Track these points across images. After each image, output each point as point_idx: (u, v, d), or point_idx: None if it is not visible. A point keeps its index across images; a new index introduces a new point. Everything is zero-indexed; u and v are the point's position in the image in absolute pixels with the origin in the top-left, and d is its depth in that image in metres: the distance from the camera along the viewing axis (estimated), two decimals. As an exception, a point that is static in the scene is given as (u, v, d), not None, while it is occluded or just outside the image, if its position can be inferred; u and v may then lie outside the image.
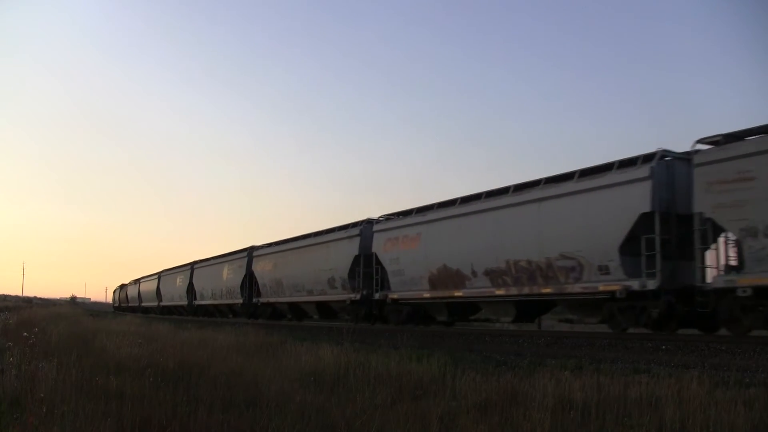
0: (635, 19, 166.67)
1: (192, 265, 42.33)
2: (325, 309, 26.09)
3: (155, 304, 52.42)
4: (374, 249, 21.81)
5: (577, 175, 15.04)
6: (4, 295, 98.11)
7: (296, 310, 28.51)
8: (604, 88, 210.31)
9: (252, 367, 8.19)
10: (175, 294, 46.37)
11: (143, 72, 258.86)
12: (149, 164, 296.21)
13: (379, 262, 21.54)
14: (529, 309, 17.00)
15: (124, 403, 5.34)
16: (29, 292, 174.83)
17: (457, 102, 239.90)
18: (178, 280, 45.57)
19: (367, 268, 22.11)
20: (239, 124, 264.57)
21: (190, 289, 41.86)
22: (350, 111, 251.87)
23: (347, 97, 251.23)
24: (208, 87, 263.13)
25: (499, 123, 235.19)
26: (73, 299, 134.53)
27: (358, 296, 22.42)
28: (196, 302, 40.37)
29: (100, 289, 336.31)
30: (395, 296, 20.63)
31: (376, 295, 21.49)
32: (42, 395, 5.37)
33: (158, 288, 51.12)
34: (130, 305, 66.54)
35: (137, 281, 64.59)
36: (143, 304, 58.74)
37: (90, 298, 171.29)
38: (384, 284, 21.35)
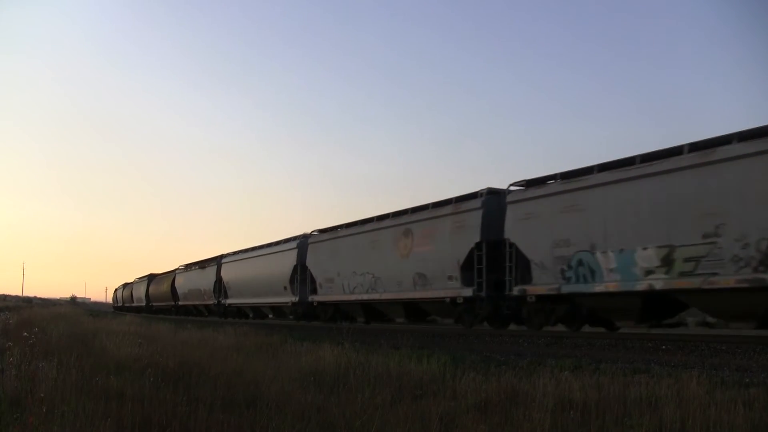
0: (635, 19, 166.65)
1: (219, 259, 38.50)
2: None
3: (169, 303, 49.41)
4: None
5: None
6: (4, 295, 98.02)
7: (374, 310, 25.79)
8: (604, 88, 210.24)
9: (252, 367, 8.20)
10: (196, 292, 42.67)
11: (143, 72, 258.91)
12: (149, 164, 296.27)
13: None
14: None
15: (124, 403, 5.34)
16: (29, 292, 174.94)
17: (457, 101, 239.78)
18: (201, 276, 41.62)
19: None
20: (239, 123, 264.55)
21: (217, 287, 38.15)
22: (350, 111, 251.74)
23: (347, 97, 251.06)
24: (208, 87, 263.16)
25: (499, 122, 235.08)
26: (73, 299, 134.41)
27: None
28: (228, 301, 36.33)
29: (100, 289, 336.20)
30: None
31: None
32: (42, 395, 5.37)
33: (173, 286, 47.93)
34: (136, 305, 62.94)
35: (145, 279, 60.34)
36: (154, 304, 55.39)
37: (90, 298, 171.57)
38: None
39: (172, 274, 49.12)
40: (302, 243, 27.54)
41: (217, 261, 37.71)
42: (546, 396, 5.60)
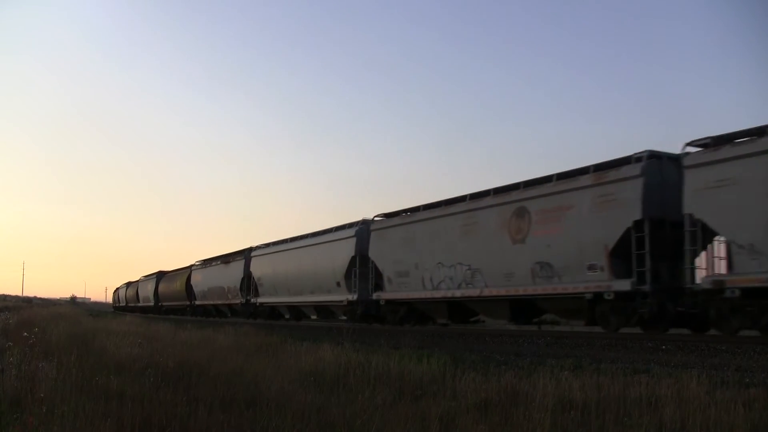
0: (635, 19, 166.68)
1: (247, 253, 33.61)
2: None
3: (182, 303, 44.77)
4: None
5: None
6: (4, 295, 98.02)
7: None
8: (604, 88, 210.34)
9: (252, 367, 8.19)
10: (218, 290, 37.62)
11: (143, 71, 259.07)
12: (149, 164, 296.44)
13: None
14: None
15: (124, 403, 5.34)
16: (29, 292, 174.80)
17: (458, 101, 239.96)
18: (224, 272, 36.69)
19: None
20: (239, 123, 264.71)
21: (246, 284, 33.08)
22: (350, 110, 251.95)
23: (347, 97, 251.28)
24: (208, 87, 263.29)
25: (500, 122, 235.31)
26: (73, 299, 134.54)
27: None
28: (259, 300, 31.33)
29: (100, 289, 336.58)
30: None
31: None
32: (42, 395, 5.38)
33: (188, 284, 43.09)
34: (142, 305, 58.13)
35: (153, 276, 55.43)
36: (164, 304, 50.83)
37: (90, 298, 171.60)
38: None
39: (187, 270, 44.26)
40: (362, 230, 23.02)
41: (245, 255, 33.32)
42: (546, 396, 5.60)
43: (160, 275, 53.20)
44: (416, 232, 20.03)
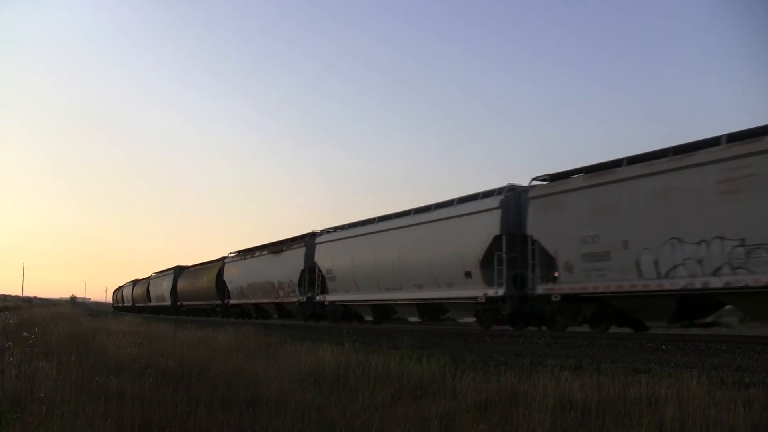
0: (636, 18, 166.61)
1: (310, 239, 27.14)
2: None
3: (211, 303, 38.50)
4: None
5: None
6: (4, 295, 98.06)
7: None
8: (605, 87, 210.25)
9: (252, 367, 8.19)
10: (265, 287, 30.72)
11: (143, 72, 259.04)
12: (149, 164, 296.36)
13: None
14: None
15: (124, 403, 5.34)
16: (29, 292, 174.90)
17: (458, 101, 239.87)
18: (275, 263, 29.95)
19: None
20: (239, 123, 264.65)
21: (306, 278, 26.72)
22: (350, 110, 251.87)
23: (347, 97, 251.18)
24: (208, 87, 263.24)
25: (500, 122, 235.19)
26: (73, 299, 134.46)
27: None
28: (329, 298, 25.06)
29: (100, 289, 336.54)
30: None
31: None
32: (42, 395, 5.37)
33: (220, 279, 36.80)
34: (155, 304, 52.03)
35: (170, 272, 48.76)
36: (184, 303, 44.36)
37: (90, 298, 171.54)
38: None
39: (218, 263, 37.68)
40: (510, 199, 16.97)
41: (306, 241, 27.11)
42: (546, 396, 5.60)
43: (179, 270, 46.44)
44: (623, 195, 13.79)
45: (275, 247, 30.53)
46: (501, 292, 16.51)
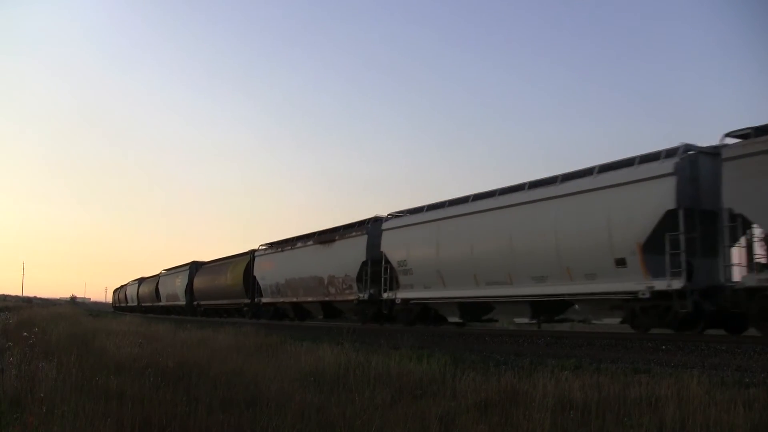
0: (636, 18, 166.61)
1: (372, 226, 22.81)
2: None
3: (236, 302, 33.96)
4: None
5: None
6: (4, 295, 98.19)
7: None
8: (605, 87, 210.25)
9: (252, 367, 8.19)
10: (310, 283, 26.15)
11: (144, 72, 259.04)
12: (149, 164, 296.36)
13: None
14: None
15: (124, 403, 5.34)
16: (29, 292, 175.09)
17: (459, 101, 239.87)
18: (323, 256, 25.35)
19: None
20: (240, 123, 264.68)
21: (367, 271, 22.40)
22: (351, 110, 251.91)
23: (347, 97, 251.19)
24: (209, 87, 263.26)
25: (501, 121, 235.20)
26: (73, 299, 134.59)
27: None
28: (402, 295, 20.52)
29: (100, 289, 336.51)
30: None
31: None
32: (42, 395, 5.38)
33: (248, 276, 32.10)
34: (166, 304, 47.46)
35: (184, 269, 43.68)
36: (202, 303, 39.15)
37: (90, 298, 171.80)
38: None
39: (246, 257, 33.24)
40: (689, 161, 13.08)
41: (368, 229, 22.60)
42: (546, 396, 5.60)
43: (196, 266, 41.81)
44: None
45: (325, 237, 25.60)
46: (678, 284, 12.54)
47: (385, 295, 21.19)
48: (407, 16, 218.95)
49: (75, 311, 36.57)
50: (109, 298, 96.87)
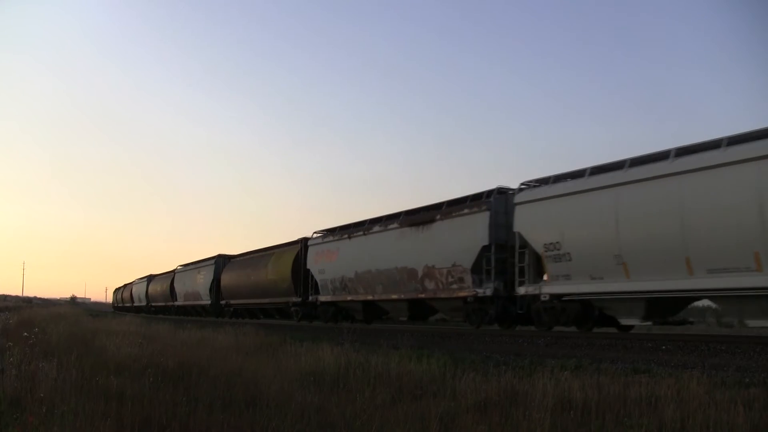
0: (637, 18, 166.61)
1: (499, 200, 17.52)
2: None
3: (278, 300, 28.35)
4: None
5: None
6: (4, 295, 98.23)
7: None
8: (604, 87, 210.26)
9: (252, 367, 8.20)
10: (392, 276, 20.66)
11: (143, 72, 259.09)
12: (149, 164, 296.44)
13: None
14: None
15: (124, 403, 5.34)
16: (29, 292, 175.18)
17: (458, 101, 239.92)
18: (417, 239, 19.77)
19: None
20: (239, 123, 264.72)
21: (492, 259, 17.03)
22: (350, 110, 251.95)
23: (347, 97, 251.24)
24: (208, 86, 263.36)
25: (500, 122, 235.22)
26: (73, 299, 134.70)
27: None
28: (548, 289, 15.48)
29: (100, 289, 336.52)
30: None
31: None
32: (42, 395, 5.38)
33: (297, 269, 26.73)
34: (183, 304, 41.70)
35: (208, 263, 37.90)
36: (232, 302, 33.66)
37: (90, 298, 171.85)
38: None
39: (295, 247, 27.75)
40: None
41: (493, 203, 17.27)
42: (546, 396, 5.60)
43: (222, 261, 36.32)
44: None
45: (419, 217, 20.15)
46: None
47: (521, 290, 15.98)
48: (407, 16, 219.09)
49: (75, 311, 36.57)
50: (110, 299, 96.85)
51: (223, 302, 34.90)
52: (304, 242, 26.96)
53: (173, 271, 46.37)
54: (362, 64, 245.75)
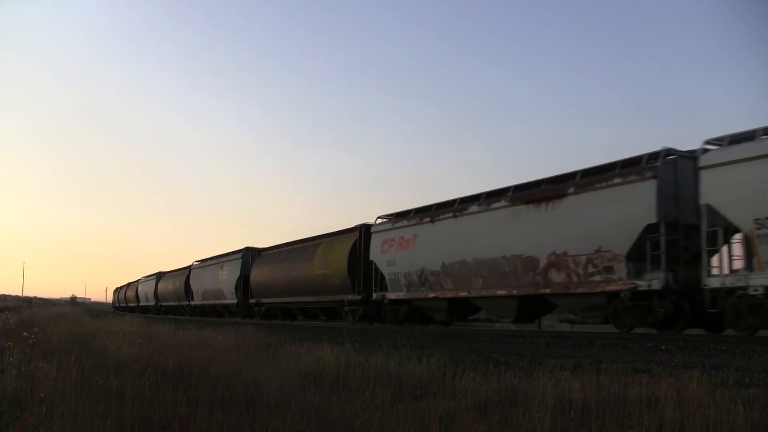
0: (637, 18, 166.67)
1: (659, 161, 13.29)
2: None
3: (334, 299, 23.34)
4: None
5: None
6: (4, 295, 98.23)
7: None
8: (604, 87, 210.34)
9: (252, 367, 8.19)
10: (486, 267, 16.90)
11: (143, 71, 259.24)
12: (149, 164, 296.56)
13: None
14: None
15: (124, 403, 5.34)
16: (29, 292, 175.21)
17: (458, 101, 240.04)
18: (551, 218, 15.17)
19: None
20: (239, 123, 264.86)
21: (662, 241, 12.79)
22: (350, 110, 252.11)
23: (348, 97, 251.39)
24: (208, 86, 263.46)
25: (500, 122, 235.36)
26: (73, 299, 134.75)
27: None
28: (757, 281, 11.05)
29: (100, 289, 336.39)
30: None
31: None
32: (42, 395, 5.38)
33: (354, 258, 22.37)
34: (202, 304, 37.13)
35: (234, 257, 33.32)
36: (266, 301, 28.81)
37: (90, 298, 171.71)
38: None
39: (350, 236, 23.24)
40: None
41: (658, 170, 13.14)
42: (546, 396, 5.60)
43: (251, 254, 31.65)
44: None
45: (540, 192, 15.81)
46: None
47: (713, 282, 12.02)
48: (407, 16, 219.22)
49: (75, 311, 36.57)
50: (110, 298, 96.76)
51: (252, 301, 30.16)
52: (363, 229, 22.39)
53: (188, 268, 41.32)
54: (362, 63, 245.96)
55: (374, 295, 21.26)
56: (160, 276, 50.15)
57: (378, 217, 22.05)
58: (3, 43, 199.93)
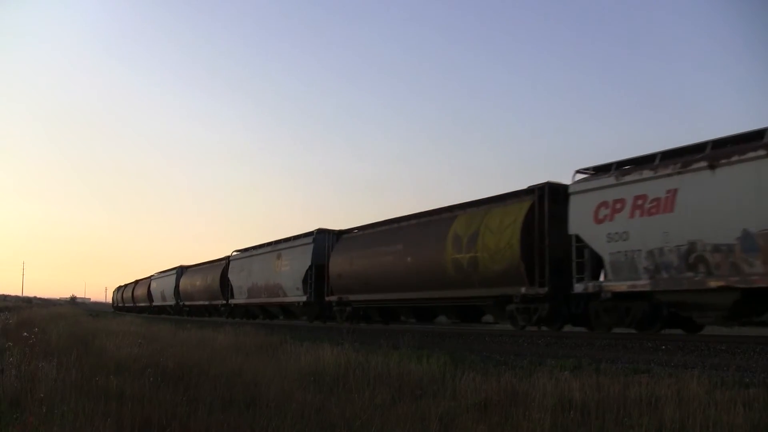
0: (637, 18, 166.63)
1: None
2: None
3: (502, 292, 15.51)
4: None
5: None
6: (4, 295, 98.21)
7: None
8: (605, 87, 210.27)
9: (252, 367, 8.19)
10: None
11: (143, 72, 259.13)
12: (149, 164, 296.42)
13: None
14: None
15: (124, 403, 5.34)
16: (29, 292, 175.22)
17: (459, 101, 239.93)
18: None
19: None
20: (239, 123, 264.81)
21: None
22: (351, 110, 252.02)
23: (348, 97, 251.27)
24: (208, 87, 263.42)
25: (501, 122, 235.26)
26: (73, 299, 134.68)
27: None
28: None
29: (100, 289, 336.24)
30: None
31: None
32: (42, 395, 5.38)
33: (527, 241, 14.79)
34: (251, 302, 28.73)
35: (266, 250, 28.03)
36: (353, 298, 21.36)
37: (90, 299, 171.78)
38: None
39: (518, 203, 15.77)
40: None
41: None
42: (546, 396, 5.60)
43: (327, 238, 23.65)
44: None
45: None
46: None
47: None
48: (407, 16, 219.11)
49: (75, 311, 36.57)
50: (109, 298, 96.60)
51: (332, 299, 22.65)
52: (548, 189, 15.09)
53: (226, 259, 33.28)
54: (361, 63, 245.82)
55: (579, 287, 14.00)
56: (182, 270, 41.39)
57: (577, 171, 14.91)
58: (3, 43, 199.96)
